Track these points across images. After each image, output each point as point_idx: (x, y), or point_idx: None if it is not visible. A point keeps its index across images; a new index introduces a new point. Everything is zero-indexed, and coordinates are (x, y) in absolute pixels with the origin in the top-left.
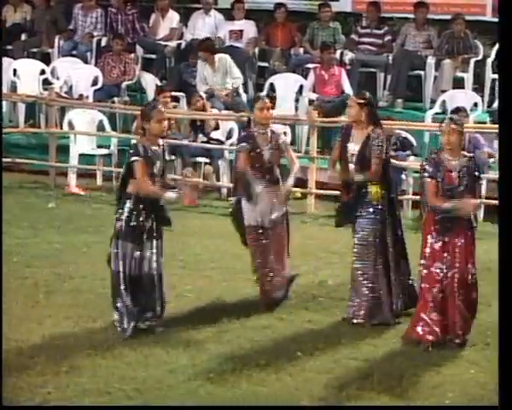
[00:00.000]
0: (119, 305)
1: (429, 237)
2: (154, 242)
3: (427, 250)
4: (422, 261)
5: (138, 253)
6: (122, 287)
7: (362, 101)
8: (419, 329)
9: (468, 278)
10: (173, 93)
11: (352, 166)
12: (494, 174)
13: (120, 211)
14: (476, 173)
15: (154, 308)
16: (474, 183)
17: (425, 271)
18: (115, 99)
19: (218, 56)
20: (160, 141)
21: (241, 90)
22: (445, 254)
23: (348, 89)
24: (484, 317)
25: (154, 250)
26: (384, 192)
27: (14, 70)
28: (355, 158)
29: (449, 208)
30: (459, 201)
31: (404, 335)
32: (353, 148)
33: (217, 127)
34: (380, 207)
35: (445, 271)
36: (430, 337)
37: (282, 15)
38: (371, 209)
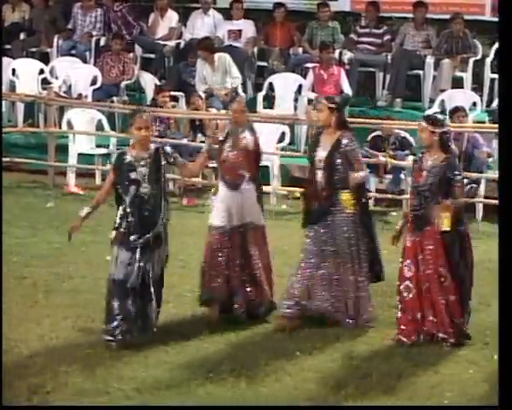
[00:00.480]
0: (108, 312)
1: (407, 234)
2: (148, 252)
3: (404, 248)
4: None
5: (130, 261)
6: (113, 294)
7: (332, 105)
8: (397, 330)
9: (441, 281)
10: (172, 93)
11: (319, 172)
12: (493, 174)
13: (116, 216)
14: (449, 175)
15: (145, 324)
16: (448, 184)
17: (399, 267)
18: (114, 99)
19: (217, 55)
20: (152, 146)
21: (240, 90)
22: (419, 255)
23: (347, 88)
24: (483, 317)
25: (148, 260)
26: (355, 200)
27: (13, 69)
28: (322, 164)
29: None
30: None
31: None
32: (321, 154)
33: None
34: (351, 215)
35: (421, 270)
36: (402, 338)
37: (282, 15)
38: (344, 218)
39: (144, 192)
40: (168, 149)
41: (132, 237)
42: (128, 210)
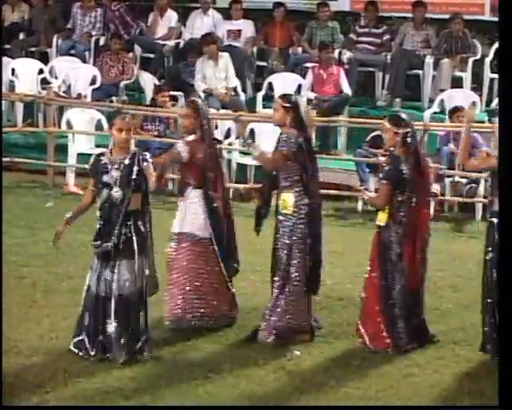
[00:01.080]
0: (80, 323)
1: None
2: (118, 262)
3: None
4: None
5: (106, 272)
6: (85, 304)
7: (287, 104)
8: None
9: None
10: (171, 92)
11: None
12: None
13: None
14: (382, 173)
15: (106, 340)
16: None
17: None
18: (113, 98)
19: (220, 53)
20: (132, 150)
21: (239, 89)
22: None
23: (347, 88)
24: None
25: (116, 271)
26: (297, 202)
27: (13, 69)
28: None
29: None
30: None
31: None
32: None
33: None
34: (290, 217)
35: None
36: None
37: (281, 15)
38: (282, 219)
39: (116, 197)
40: (146, 155)
41: (95, 244)
42: (98, 215)
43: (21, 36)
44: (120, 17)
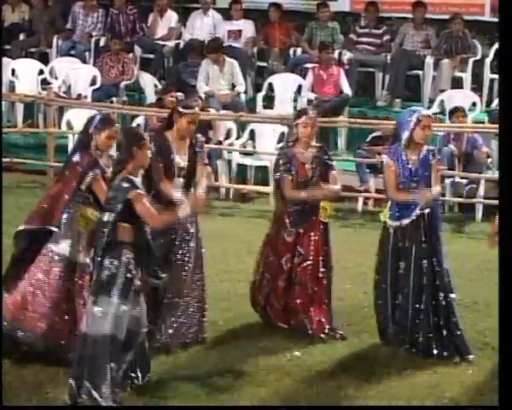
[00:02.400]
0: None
1: (282, 229)
2: (143, 297)
3: (280, 243)
4: (271, 252)
5: (124, 308)
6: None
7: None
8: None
9: (320, 271)
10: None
11: (180, 180)
12: (492, 174)
13: (110, 260)
14: (327, 161)
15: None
16: (326, 171)
17: (272, 260)
18: (114, 99)
19: (227, 59)
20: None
21: (242, 95)
22: (298, 247)
23: (347, 89)
24: (482, 316)
25: (144, 306)
26: None
27: (13, 70)
28: (183, 172)
29: (306, 197)
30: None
31: None
32: (180, 161)
33: (210, 128)
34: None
35: (296, 262)
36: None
37: (276, 15)
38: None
39: (102, 220)
40: (137, 184)
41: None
42: (131, 255)
43: (21, 36)
44: (133, 22)
